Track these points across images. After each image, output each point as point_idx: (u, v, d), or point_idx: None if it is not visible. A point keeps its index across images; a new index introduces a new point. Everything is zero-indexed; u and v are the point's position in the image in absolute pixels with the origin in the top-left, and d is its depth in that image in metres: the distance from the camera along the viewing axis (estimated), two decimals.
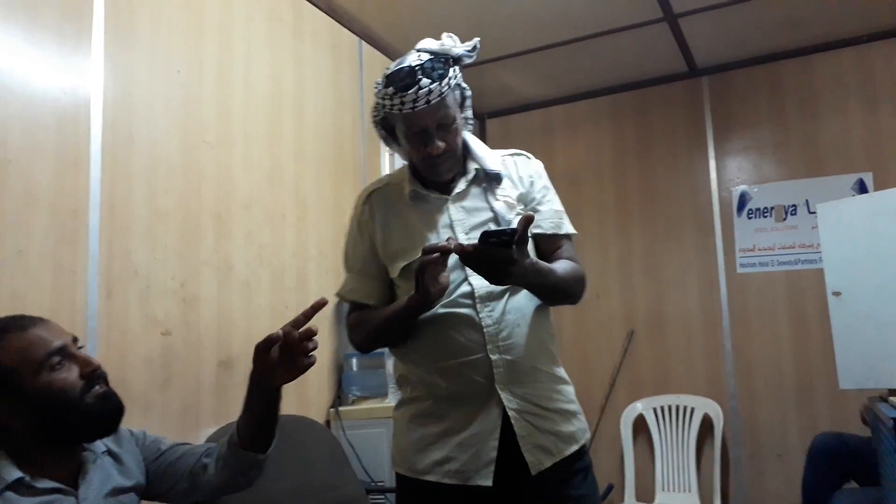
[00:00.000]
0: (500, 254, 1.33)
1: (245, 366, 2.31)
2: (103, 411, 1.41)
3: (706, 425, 3.54)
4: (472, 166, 1.62)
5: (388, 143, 1.64)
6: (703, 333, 3.68)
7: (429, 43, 1.54)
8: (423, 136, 1.50)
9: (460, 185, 1.59)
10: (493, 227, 1.54)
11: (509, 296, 1.54)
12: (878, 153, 3.43)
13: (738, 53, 3.67)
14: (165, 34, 2.17)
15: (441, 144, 1.50)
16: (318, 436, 2.44)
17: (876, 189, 3.36)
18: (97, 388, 1.40)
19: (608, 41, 3.42)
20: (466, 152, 1.62)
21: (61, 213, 1.80)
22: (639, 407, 3.68)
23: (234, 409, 2.28)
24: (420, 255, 1.42)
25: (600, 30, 3.31)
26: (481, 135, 4.29)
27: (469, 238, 1.51)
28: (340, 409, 2.61)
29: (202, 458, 1.57)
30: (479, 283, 1.50)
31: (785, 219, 3.61)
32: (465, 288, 1.51)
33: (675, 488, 3.51)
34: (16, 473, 1.30)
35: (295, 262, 2.61)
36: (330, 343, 2.75)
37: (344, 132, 2.98)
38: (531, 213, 1.49)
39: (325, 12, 2.95)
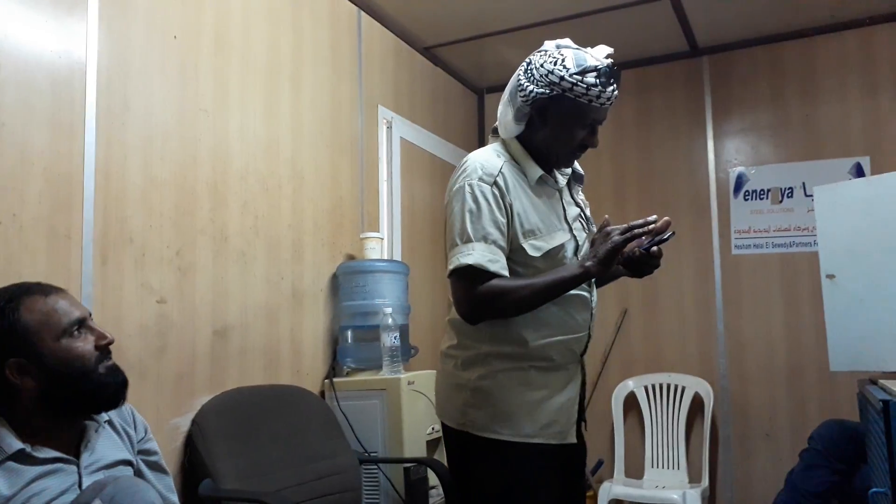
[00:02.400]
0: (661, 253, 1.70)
1: (240, 336, 2.33)
2: (113, 384, 1.43)
3: (696, 404, 3.57)
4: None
5: (520, 118, 1.71)
6: (695, 313, 3.70)
7: (602, 49, 1.69)
8: (594, 127, 1.72)
9: (562, 180, 1.82)
10: (580, 222, 1.81)
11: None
12: (877, 137, 3.43)
13: (739, 33, 3.64)
14: None
15: (597, 139, 1.74)
16: (312, 406, 2.46)
17: (873, 173, 3.35)
18: (107, 360, 1.43)
19: (609, 18, 3.38)
20: None
21: (56, 178, 1.79)
22: (630, 385, 3.70)
23: (228, 379, 2.30)
24: (560, 240, 1.70)
25: (602, 6, 3.28)
26: (480, 110, 4.27)
27: (574, 226, 1.77)
28: (335, 380, 2.62)
29: None
30: None
31: (781, 201, 3.61)
32: None
33: (663, 465, 3.55)
34: (17, 444, 1.31)
35: (291, 233, 2.60)
36: (325, 315, 2.75)
37: (341, 104, 2.96)
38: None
39: None
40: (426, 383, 2.66)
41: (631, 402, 3.71)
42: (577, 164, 1.86)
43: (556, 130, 1.69)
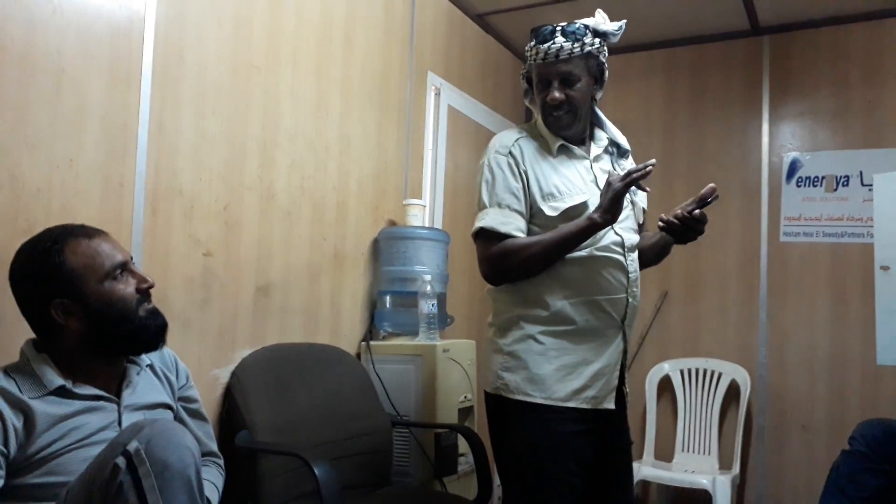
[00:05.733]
0: (706, 219, 1.71)
1: (281, 293, 2.36)
2: (152, 326, 1.46)
3: (732, 391, 3.52)
4: (604, 136, 1.91)
5: (525, 95, 1.91)
6: (738, 299, 3.63)
7: (587, 19, 1.82)
8: (546, 85, 1.77)
9: (595, 150, 1.87)
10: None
11: (636, 251, 1.85)
12: None
13: (804, 13, 3.51)
14: None
15: (558, 95, 1.75)
16: (348, 367, 2.48)
17: None
18: (147, 303, 1.46)
19: None
20: (598, 123, 1.92)
21: (112, 126, 1.81)
22: (666, 367, 3.67)
23: (268, 334, 2.33)
24: (580, 199, 1.74)
25: None
26: None
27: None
28: (371, 343, 2.65)
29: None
30: (625, 234, 1.80)
31: (836, 189, 3.50)
32: (614, 237, 1.77)
33: (694, 450, 3.52)
34: (58, 381, 1.35)
35: (335, 196, 2.61)
36: (365, 279, 2.77)
37: (391, 68, 2.94)
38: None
39: None
40: (461, 352, 2.67)
41: (665, 385, 3.67)
42: (622, 140, 1.93)
43: (536, 98, 1.85)
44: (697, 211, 1.68)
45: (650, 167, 1.63)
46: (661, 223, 1.72)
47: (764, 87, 3.67)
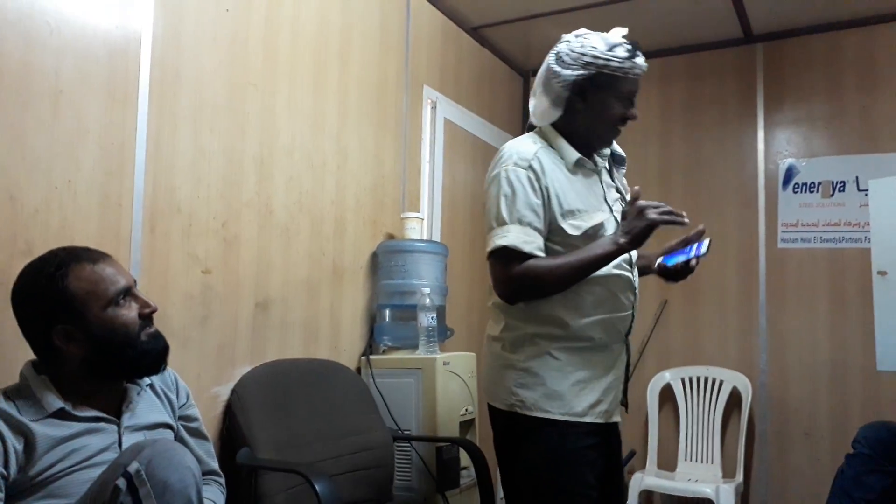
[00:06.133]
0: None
1: (281, 309, 2.36)
2: (154, 350, 1.46)
3: (734, 399, 3.51)
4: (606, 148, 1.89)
5: (558, 104, 1.75)
6: (737, 306, 3.63)
7: (619, 31, 1.82)
8: (631, 100, 1.75)
9: (601, 162, 1.86)
10: (620, 204, 1.83)
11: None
12: None
13: (797, 20, 3.53)
14: None
15: (636, 112, 1.77)
16: (348, 381, 2.48)
17: None
18: (149, 328, 1.46)
19: (662, 1, 3.31)
20: None
21: (109, 145, 1.82)
22: (667, 376, 3.66)
23: (268, 351, 2.34)
24: (599, 219, 1.73)
25: None
26: (525, 92, 4.23)
27: (615, 208, 1.81)
28: (371, 357, 2.64)
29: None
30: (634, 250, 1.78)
31: (832, 195, 3.51)
32: (625, 255, 1.75)
33: (697, 459, 3.51)
34: (58, 403, 1.35)
35: (333, 210, 2.62)
36: (364, 293, 2.77)
37: (387, 82, 2.95)
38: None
39: None
40: (461, 364, 2.67)
41: (667, 394, 3.66)
42: (617, 147, 1.91)
43: (597, 108, 1.74)
44: (694, 261, 1.73)
45: (686, 222, 1.65)
46: (657, 269, 1.80)
47: (758, 94, 3.69)
